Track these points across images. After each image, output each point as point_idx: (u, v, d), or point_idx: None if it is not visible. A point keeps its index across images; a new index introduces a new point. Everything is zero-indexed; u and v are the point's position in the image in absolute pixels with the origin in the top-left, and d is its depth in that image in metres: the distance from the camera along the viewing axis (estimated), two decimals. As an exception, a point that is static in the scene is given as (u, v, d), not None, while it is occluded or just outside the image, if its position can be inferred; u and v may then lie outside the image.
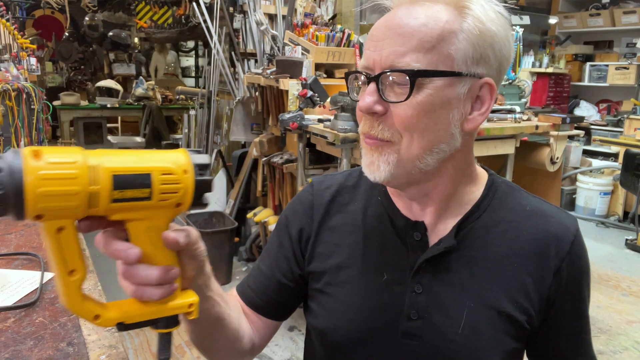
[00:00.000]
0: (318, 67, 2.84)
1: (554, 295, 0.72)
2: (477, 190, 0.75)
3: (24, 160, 0.41)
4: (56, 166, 0.42)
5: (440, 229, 0.74)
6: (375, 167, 0.67)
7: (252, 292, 0.85)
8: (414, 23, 0.63)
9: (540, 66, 5.65)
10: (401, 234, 0.75)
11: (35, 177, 0.41)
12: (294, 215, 0.84)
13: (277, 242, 0.85)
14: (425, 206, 0.74)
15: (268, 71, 2.96)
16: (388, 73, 0.64)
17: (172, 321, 0.54)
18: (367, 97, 0.65)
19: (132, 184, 0.46)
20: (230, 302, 0.76)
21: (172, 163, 0.49)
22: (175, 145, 4.48)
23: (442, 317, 0.71)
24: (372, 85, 0.65)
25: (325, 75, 2.82)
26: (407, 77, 0.63)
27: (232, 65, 3.78)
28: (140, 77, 6.61)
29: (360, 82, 0.71)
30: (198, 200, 0.52)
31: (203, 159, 0.52)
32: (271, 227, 2.93)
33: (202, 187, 0.52)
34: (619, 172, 4.36)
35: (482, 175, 0.78)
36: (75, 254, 0.47)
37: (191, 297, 0.55)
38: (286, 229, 0.84)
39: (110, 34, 7.62)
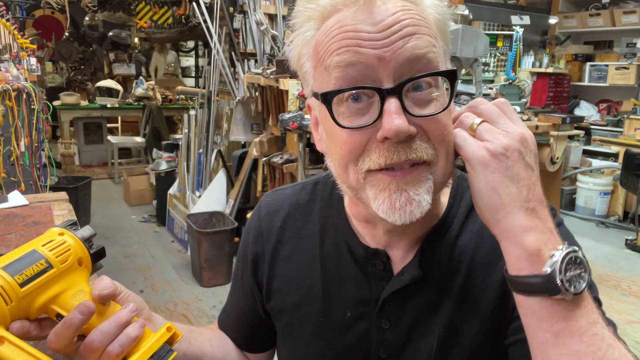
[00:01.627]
0: (318, 67, 2.84)
1: (508, 309, 0.61)
2: (442, 203, 0.65)
3: None
4: None
5: (403, 256, 0.64)
6: (415, 204, 0.53)
7: (227, 327, 0.83)
8: (410, 14, 0.52)
9: (540, 66, 5.65)
10: (361, 264, 0.65)
11: None
12: (245, 247, 0.77)
13: (239, 275, 0.79)
14: (394, 236, 0.63)
15: (268, 71, 2.96)
16: (419, 79, 0.51)
17: (164, 352, 0.55)
18: (395, 117, 0.50)
19: (24, 264, 0.50)
20: (208, 334, 0.77)
21: (44, 237, 0.54)
22: (175, 145, 4.47)
23: (412, 352, 0.63)
24: (396, 102, 0.50)
25: (325, 75, 2.82)
26: (446, 79, 0.53)
27: (232, 65, 3.78)
28: (140, 77, 6.61)
29: (348, 99, 0.53)
30: (97, 259, 0.57)
31: (85, 231, 0.57)
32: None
33: (99, 255, 0.57)
34: (619, 172, 4.36)
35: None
36: (32, 356, 0.48)
37: (163, 323, 0.58)
38: (242, 262, 0.78)
39: (110, 34, 7.62)
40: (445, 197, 0.65)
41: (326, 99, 0.53)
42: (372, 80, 0.51)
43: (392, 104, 0.50)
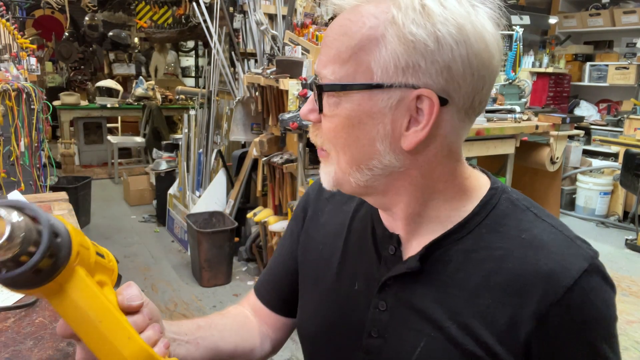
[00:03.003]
0: (318, 67, 2.84)
1: (537, 347, 0.59)
2: (465, 207, 0.64)
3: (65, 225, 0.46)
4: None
5: (414, 246, 0.66)
6: (321, 175, 0.65)
7: (264, 289, 0.86)
8: (336, 32, 0.59)
9: (540, 66, 5.65)
10: (378, 244, 0.70)
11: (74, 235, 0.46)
12: (299, 204, 0.86)
13: (288, 233, 0.86)
14: (395, 220, 0.67)
15: (268, 71, 2.96)
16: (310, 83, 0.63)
17: None
18: (307, 103, 0.63)
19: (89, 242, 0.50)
20: (218, 325, 0.77)
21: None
22: (175, 145, 4.47)
23: (399, 341, 0.65)
24: (311, 95, 0.63)
25: (325, 75, 2.82)
26: (317, 91, 0.60)
27: (232, 65, 3.78)
28: (140, 77, 6.61)
29: None
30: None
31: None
32: (271, 227, 2.93)
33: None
34: (619, 172, 4.36)
35: (480, 188, 0.66)
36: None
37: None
38: (292, 222, 0.86)
39: (110, 34, 7.62)
40: (472, 204, 0.64)
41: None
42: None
43: (312, 94, 0.63)
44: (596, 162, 5.00)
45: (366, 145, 0.59)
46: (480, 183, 0.67)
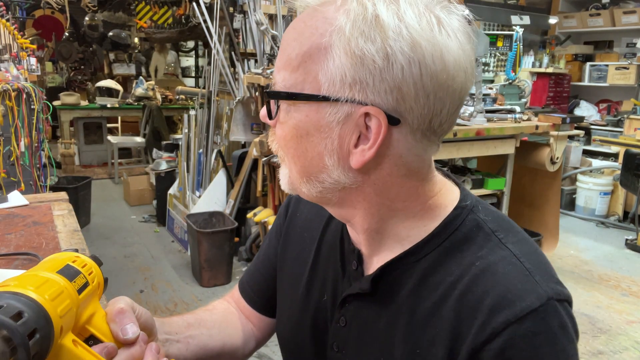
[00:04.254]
0: (318, 67, 2.84)
1: None
2: (426, 227, 0.60)
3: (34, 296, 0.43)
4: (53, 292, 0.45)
5: (374, 264, 0.63)
6: (280, 177, 0.63)
7: (249, 288, 0.85)
8: (290, 35, 0.56)
9: (540, 66, 5.65)
10: (345, 257, 0.68)
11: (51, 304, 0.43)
12: (283, 205, 0.85)
13: (272, 232, 0.85)
14: (357, 233, 0.65)
15: (268, 71, 2.96)
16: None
17: None
18: (265, 106, 0.60)
19: (71, 274, 0.48)
20: (207, 323, 0.77)
21: (64, 257, 0.51)
22: (175, 145, 4.48)
23: (356, 358, 0.65)
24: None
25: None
26: (269, 98, 0.58)
27: (232, 65, 3.78)
28: (140, 77, 6.61)
29: None
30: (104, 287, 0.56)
31: (96, 258, 0.55)
32: (271, 227, 2.93)
33: (105, 284, 0.56)
34: (619, 172, 4.36)
35: (445, 207, 0.61)
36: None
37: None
38: (277, 219, 0.85)
39: (110, 34, 7.62)
40: (434, 223, 0.60)
41: None
42: None
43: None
44: (596, 162, 5.00)
45: (315, 158, 0.56)
46: (447, 200, 0.62)
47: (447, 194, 0.62)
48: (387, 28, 0.50)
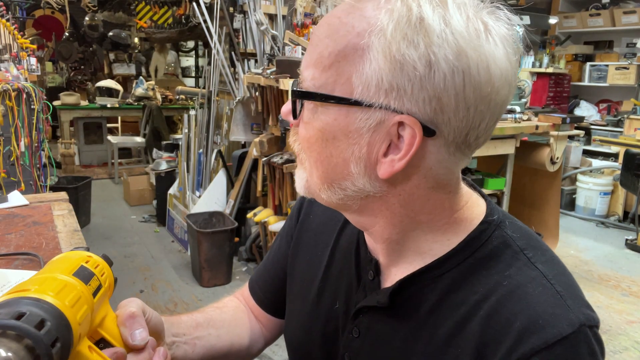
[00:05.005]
0: (318, 67, 2.84)
1: None
2: (450, 241, 0.57)
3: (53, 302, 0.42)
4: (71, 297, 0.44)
5: (392, 276, 0.61)
6: (295, 179, 0.60)
7: (258, 287, 0.84)
8: (323, 31, 0.52)
9: (540, 66, 5.65)
10: (360, 265, 0.66)
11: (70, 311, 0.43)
12: (294, 207, 0.82)
13: (283, 233, 0.82)
14: (376, 242, 0.62)
15: (268, 71, 2.96)
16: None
17: None
18: (288, 102, 0.57)
19: (86, 277, 0.47)
20: (216, 323, 0.76)
21: (78, 255, 0.50)
22: (175, 145, 4.47)
23: None
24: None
25: (325, 75, 2.82)
26: (296, 99, 0.55)
27: (232, 65, 3.78)
28: (140, 77, 6.61)
29: None
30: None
31: (107, 258, 0.54)
32: (271, 227, 2.93)
33: (115, 283, 0.55)
34: (619, 172, 4.36)
35: (471, 221, 0.58)
36: None
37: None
38: (288, 220, 0.82)
39: (110, 34, 7.62)
40: (458, 238, 0.57)
41: None
42: None
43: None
44: (596, 162, 5.00)
45: (339, 164, 0.53)
46: (473, 214, 0.59)
47: (473, 208, 0.59)
48: (432, 33, 0.46)
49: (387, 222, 0.57)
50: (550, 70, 5.58)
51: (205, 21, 3.64)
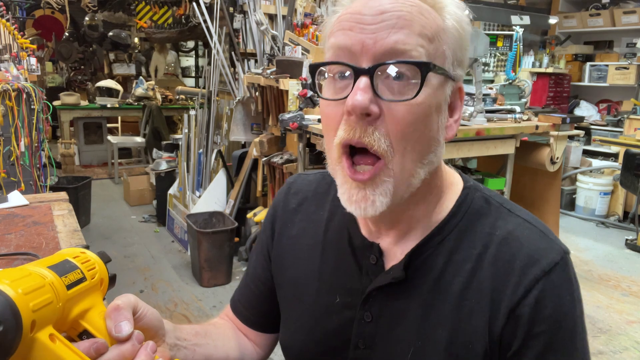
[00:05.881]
0: (318, 67, 2.83)
1: (509, 340, 0.58)
2: (443, 210, 0.64)
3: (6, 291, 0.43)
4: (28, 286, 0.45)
5: (397, 253, 0.64)
6: (369, 202, 0.56)
7: (241, 306, 0.84)
8: (410, 9, 0.53)
9: (540, 66, 5.65)
10: (357, 254, 0.68)
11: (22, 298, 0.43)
12: (266, 220, 0.82)
13: (257, 249, 0.83)
14: (388, 229, 0.65)
15: (268, 71, 2.96)
16: (392, 64, 0.52)
17: None
18: (359, 93, 0.52)
19: (65, 269, 0.48)
20: (213, 334, 0.77)
21: (67, 252, 0.52)
22: (175, 145, 4.47)
23: (387, 352, 0.64)
24: (366, 81, 0.53)
25: (325, 75, 2.82)
26: (419, 70, 0.53)
27: (232, 65, 3.78)
28: (140, 77, 6.61)
29: (335, 75, 0.57)
30: (111, 284, 0.56)
31: (104, 255, 0.56)
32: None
33: (112, 281, 0.56)
34: (619, 172, 4.36)
35: (455, 190, 0.65)
36: (80, 357, 0.47)
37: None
38: (261, 234, 0.83)
39: (110, 34, 7.62)
40: (449, 201, 0.64)
41: (311, 69, 0.59)
42: (355, 61, 0.55)
43: (361, 82, 0.53)
44: (596, 162, 5.00)
45: (432, 137, 0.57)
46: (454, 181, 0.66)
47: (449, 174, 0.67)
48: (463, 14, 0.57)
49: (420, 198, 0.62)
50: (550, 70, 5.58)
51: (205, 21, 3.64)
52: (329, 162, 0.61)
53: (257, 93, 3.22)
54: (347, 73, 0.56)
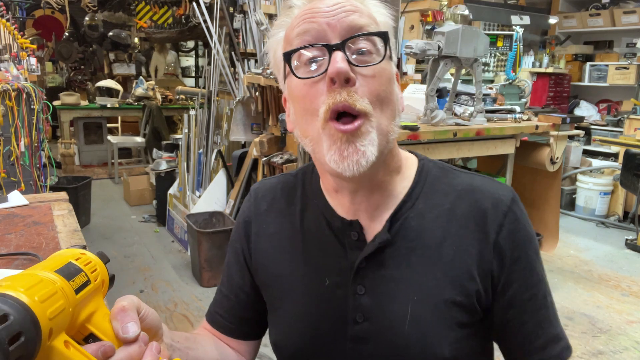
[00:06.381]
0: (318, 67, 2.83)
1: (497, 271, 0.68)
2: (407, 179, 0.73)
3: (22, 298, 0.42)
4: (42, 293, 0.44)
5: (376, 226, 0.71)
6: (360, 154, 0.62)
7: (221, 318, 0.84)
8: (354, 2, 0.66)
9: (540, 66, 5.65)
10: (339, 235, 0.72)
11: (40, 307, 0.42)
12: (237, 230, 0.84)
13: (231, 260, 0.84)
14: (365, 201, 0.71)
15: (268, 71, 2.96)
16: (359, 36, 0.63)
17: None
18: (339, 61, 0.61)
19: (71, 273, 0.48)
20: (200, 341, 0.77)
21: (68, 253, 0.51)
22: (175, 145, 4.47)
23: (387, 316, 0.68)
24: (340, 53, 0.62)
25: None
26: (381, 39, 0.64)
27: (232, 65, 3.78)
28: (140, 77, 6.61)
29: (306, 62, 0.65)
30: (110, 285, 0.55)
31: (103, 255, 0.55)
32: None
33: (112, 281, 0.55)
34: (619, 172, 4.36)
35: (412, 162, 0.76)
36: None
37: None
38: (234, 244, 0.84)
39: (110, 34, 7.62)
40: (410, 173, 0.74)
41: (286, 57, 0.66)
42: (324, 41, 0.64)
43: (337, 55, 0.62)
44: (596, 162, 5.00)
45: (395, 102, 0.67)
46: (408, 155, 0.77)
47: (404, 152, 0.77)
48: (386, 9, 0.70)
49: (385, 166, 0.70)
50: (550, 70, 5.58)
51: (205, 21, 3.64)
52: (311, 140, 0.67)
53: (257, 93, 3.22)
54: (319, 57, 0.64)
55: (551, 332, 0.70)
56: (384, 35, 0.64)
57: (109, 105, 6.03)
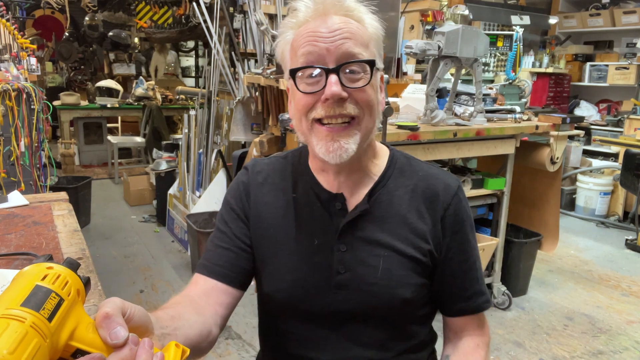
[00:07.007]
0: (318, 67, 2.83)
1: (442, 238, 0.91)
2: (381, 164, 0.94)
3: None
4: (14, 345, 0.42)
5: (356, 199, 0.91)
6: (343, 150, 0.82)
7: (220, 267, 0.94)
8: (349, 27, 0.81)
9: (540, 66, 5.65)
10: (325, 205, 0.91)
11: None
12: (235, 194, 0.98)
13: (230, 219, 0.96)
14: (347, 179, 0.91)
15: (268, 71, 2.96)
16: (351, 63, 0.81)
17: None
18: (333, 85, 0.79)
19: (39, 300, 0.46)
20: (184, 315, 0.79)
21: (34, 272, 0.49)
22: (175, 145, 4.47)
23: (364, 268, 0.88)
24: (335, 77, 0.80)
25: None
26: (368, 66, 0.82)
27: (232, 65, 3.78)
28: (140, 77, 6.60)
29: (306, 76, 0.83)
30: (87, 289, 0.54)
31: (72, 263, 0.53)
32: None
33: (87, 285, 0.54)
34: (619, 172, 4.36)
35: (384, 150, 0.97)
36: None
37: (175, 348, 0.57)
38: (233, 204, 0.97)
39: (110, 34, 7.62)
40: (383, 160, 0.95)
41: (291, 73, 0.85)
42: (322, 63, 0.81)
43: (332, 78, 0.80)
44: (596, 162, 5.00)
45: (379, 108, 0.86)
46: (382, 146, 0.97)
47: (378, 143, 0.97)
48: (376, 18, 0.87)
49: (364, 153, 0.90)
50: (550, 70, 5.58)
51: (205, 21, 3.64)
52: (302, 133, 0.87)
53: (257, 93, 3.22)
54: (316, 73, 0.82)
55: (477, 288, 0.95)
56: (371, 63, 0.82)
57: (109, 105, 6.02)
